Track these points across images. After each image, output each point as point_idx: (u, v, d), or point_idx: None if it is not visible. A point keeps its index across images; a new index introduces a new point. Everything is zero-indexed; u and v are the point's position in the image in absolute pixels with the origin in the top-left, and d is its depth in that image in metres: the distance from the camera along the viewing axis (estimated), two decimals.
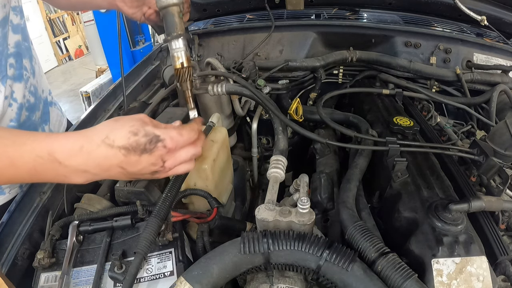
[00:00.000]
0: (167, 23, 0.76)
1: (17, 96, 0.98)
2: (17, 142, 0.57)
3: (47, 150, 0.57)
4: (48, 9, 8.22)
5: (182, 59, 0.77)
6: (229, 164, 1.17)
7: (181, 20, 0.76)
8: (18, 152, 0.56)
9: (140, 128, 0.61)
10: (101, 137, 0.59)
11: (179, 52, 0.77)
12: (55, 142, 0.58)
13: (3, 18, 0.87)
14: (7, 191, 1.05)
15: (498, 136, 0.96)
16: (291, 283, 0.71)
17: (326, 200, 1.00)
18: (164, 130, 0.64)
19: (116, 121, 0.63)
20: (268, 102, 1.10)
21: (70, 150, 0.59)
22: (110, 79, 4.64)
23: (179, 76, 0.78)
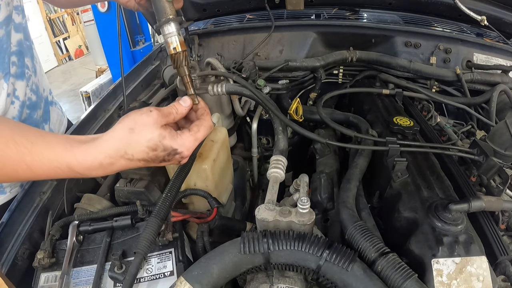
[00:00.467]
0: (156, 8, 0.72)
1: (19, 94, 0.99)
2: (34, 152, 0.58)
3: (66, 164, 0.59)
4: (48, 9, 8.22)
5: (174, 44, 0.73)
6: (229, 164, 1.17)
7: (170, 4, 0.73)
8: (36, 162, 0.58)
9: (158, 144, 0.63)
10: (120, 153, 0.61)
11: (171, 37, 0.73)
12: (73, 158, 0.59)
13: (7, 17, 0.88)
14: (8, 190, 1.05)
15: (498, 136, 0.96)
16: (291, 283, 0.71)
17: (326, 200, 1.00)
18: (181, 141, 0.66)
19: (132, 133, 0.62)
20: (268, 102, 1.10)
21: (89, 166, 0.60)
22: (110, 79, 4.64)
23: (174, 62, 0.75)
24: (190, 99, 0.72)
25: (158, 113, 0.65)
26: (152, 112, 0.64)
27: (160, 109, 0.66)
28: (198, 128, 0.70)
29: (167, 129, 0.65)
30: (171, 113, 0.68)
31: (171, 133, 0.65)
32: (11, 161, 0.57)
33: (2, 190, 1.04)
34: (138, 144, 0.62)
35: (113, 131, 0.63)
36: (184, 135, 0.67)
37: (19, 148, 0.57)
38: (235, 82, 1.18)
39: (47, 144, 0.59)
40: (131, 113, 0.65)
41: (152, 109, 0.65)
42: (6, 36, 0.89)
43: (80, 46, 8.94)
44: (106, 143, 0.61)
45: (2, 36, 0.88)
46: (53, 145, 0.59)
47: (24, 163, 0.57)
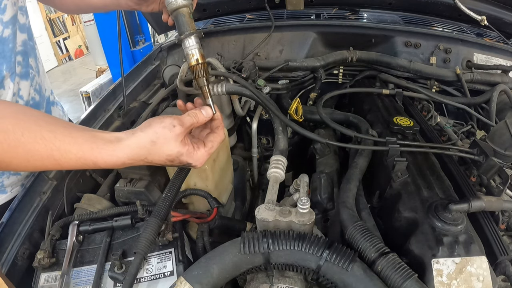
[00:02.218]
0: (179, 23, 0.79)
1: (23, 94, 1.00)
2: (62, 149, 0.61)
3: (92, 161, 0.63)
4: (48, 9, 8.22)
5: (196, 56, 0.79)
6: (229, 164, 1.17)
7: (191, 20, 0.79)
8: (64, 158, 0.61)
9: (175, 158, 0.69)
10: (141, 158, 0.67)
11: (193, 49, 0.78)
12: (99, 157, 0.63)
13: (13, 16, 0.89)
14: (9, 190, 1.06)
15: (498, 136, 0.96)
16: (291, 283, 0.71)
17: (326, 200, 1.00)
18: (196, 157, 0.71)
19: (153, 145, 0.66)
20: (268, 102, 1.10)
21: (113, 164, 0.65)
22: (110, 79, 4.64)
23: (195, 73, 0.79)
24: (211, 110, 0.77)
25: (181, 129, 0.68)
26: (175, 128, 0.68)
27: (183, 122, 0.69)
28: (212, 144, 0.75)
29: (185, 146, 0.69)
30: (193, 124, 0.73)
31: (189, 150, 0.70)
32: (40, 156, 0.60)
33: (3, 190, 1.05)
34: (158, 155, 0.67)
35: (136, 137, 0.66)
36: (200, 152, 0.72)
37: (47, 144, 0.60)
38: (235, 82, 1.18)
39: (74, 141, 0.62)
40: (154, 122, 0.68)
41: (176, 124, 0.68)
42: (12, 35, 0.90)
43: (80, 46, 8.94)
44: (129, 148, 0.65)
45: (9, 35, 0.89)
46: (79, 143, 0.62)
47: (52, 158, 0.61)
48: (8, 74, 0.91)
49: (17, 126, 0.58)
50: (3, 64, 0.89)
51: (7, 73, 0.90)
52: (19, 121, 0.59)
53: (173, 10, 0.78)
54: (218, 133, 0.78)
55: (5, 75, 0.90)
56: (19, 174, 1.04)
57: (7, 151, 0.57)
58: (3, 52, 0.88)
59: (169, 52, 1.70)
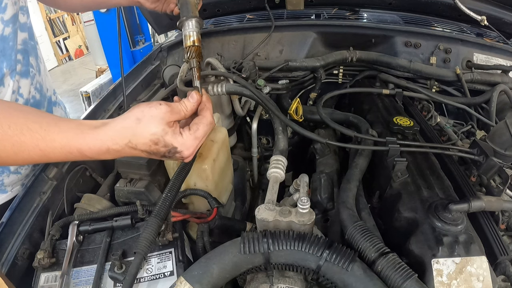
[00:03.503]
0: (183, 8, 0.80)
1: (23, 92, 1.00)
2: (47, 139, 0.61)
3: (76, 149, 0.62)
4: (48, 9, 8.22)
5: (193, 38, 0.79)
6: (229, 164, 1.17)
7: (196, 8, 0.81)
8: (49, 147, 0.61)
9: (160, 138, 0.65)
10: (125, 141, 0.63)
11: (191, 31, 0.79)
12: (83, 143, 0.62)
13: (14, 15, 0.90)
14: (9, 189, 1.06)
15: (498, 136, 0.96)
16: (291, 283, 0.71)
17: (326, 200, 1.00)
18: (182, 140, 0.67)
19: (138, 123, 0.64)
20: (268, 102, 1.10)
21: (98, 150, 0.63)
22: (110, 79, 4.64)
23: (189, 53, 0.80)
24: (197, 94, 0.73)
25: (167, 108, 0.66)
26: (161, 106, 0.65)
27: (170, 105, 0.67)
28: (197, 126, 0.70)
29: (172, 126, 0.66)
30: (181, 111, 0.69)
31: (174, 130, 0.66)
32: (25, 147, 0.60)
33: (4, 189, 1.05)
34: (142, 135, 0.64)
35: (122, 119, 0.65)
36: (185, 135, 0.68)
37: (33, 135, 0.60)
38: (235, 82, 1.18)
39: (58, 130, 0.62)
40: (141, 104, 0.66)
41: (162, 103, 0.66)
42: (13, 34, 0.91)
43: (80, 46, 8.94)
44: (113, 130, 0.63)
45: (9, 34, 0.89)
46: (64, 131, 0.62)
47: (38, 149, 0.61)
48: (8, 72, 0.91)
49: (4, 119, 0.59)
50: (3, 62, 0.90)
51: (7, 71, 0.91)
52: (6, 115, 0.60)
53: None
54: (203, 115, 0.73)
55: (5, 72, 0.91)
56: (19, 173, 1.04)
57: None
58: (3, 50, 0.89)
59: (169, 52, 1.70)
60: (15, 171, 1.03)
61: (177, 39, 1.70)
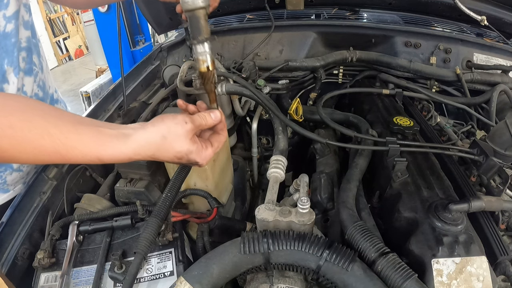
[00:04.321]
0: (193, 26, 0.74)
1: (27, 90, 1.00)
2: (68, 145, 0.61)
3: (96, 157, 0.63)
4: (48, 9, 8.23)
5: (207, 63, 0.76)
6: (229, 164, 1.17)
7: (206, 23, 0.75)
8: (70, 154, 0.62)
9: (184, 156, 0.68)
10: (148, 154, 0.66)
11: (205, 55, 0.75)
12: (104, 153, 0.63)
13: (16, 11, 0.90)
14: (11, 188, 1.06)
15: (498, 136, 0.96)
16: (291, 283, 0.71)
17: (326, 200, 1.00)
18: (204, 155, 0.72)
19: (164, 141, 0.65)
20: (268, 102, 1.10)
21: (117, 159, 0.64)
22: (110, 79, 4.64)
23: (204, 79, 0.78)
24: (221, 114, 0.77)
25: (192, 126, 0.68)
26: (187, 124, 0.68)
27: (194, 120, 0.69)
28: (218, 144, 0.76)
29: (195, 143, 0.69)
30: (201, 125, 0.72)
31: (198, 148, 0.70)
32: (46, 151, 0.61)
33: (6, 189, 1.05)
34: (167, 151, 0.66)
35: (147, 132, 0.65)
36: (208, 151, 0.72)
37: (54, 140, 0.60)
38: (235, 82, 1.18)
39: (79, 138, 0.62)
40: (166, 118, 0.68)
41: (188, 121, 0.68)
42: (15, 30, 0.90)
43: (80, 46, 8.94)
44: (137, 143, 0.64)
45: (11, 30, 0.89)
46: (85, 139, 0.62)
47: (59, 154, 0.61)
48: (10, 68, 0.91)
49: (25, 122, 0.59)
50: (5, 59, 0.89)
51: (9, 68, 0.91)
52: (26, 117, 0.59)
53: (189, 10, 0.73)
54: (222, 134, 0.78)
55: (7, 69, 0.90)
56: (21, 170, 1.04)
57: (15, 147, 0.58)
58: (5, 47, 0.89)
59: (169, 52, 1.70)
60: (17, 168, 1.03)
61: (177, 39, 1.70)
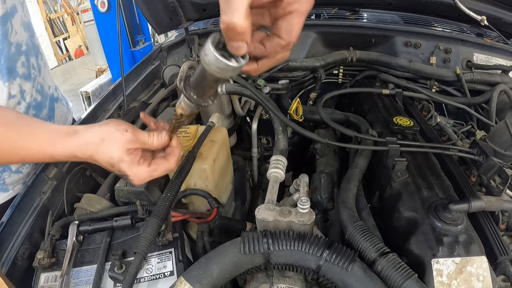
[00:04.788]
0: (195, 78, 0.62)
1: (26, 96, 0.99)
2: (24, 147, 0.68)
3: (49, 155, 0.69)
4: (48, 9, 8.23)
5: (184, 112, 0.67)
6: (229, 164, 1.17)
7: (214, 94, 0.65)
8: (27, 154, 0.69)
9: (115, 164, 0.69)
10: (89, 153, 0.69)
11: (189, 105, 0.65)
12: (55, 150, 0.69)
13: (3, 16, 0.87)
14: (11, 187, 1.05)
15: (498, 136, 0.96)
16: (291, 283, 0.71)
17: (326, 200, 1.00)
18: (136, 172, 0.70)
19: (101, 143, 0.68)
20: (268, 102, 1.10)
21: (68, 157, 0.70)
22: (110, 79, 4.64)
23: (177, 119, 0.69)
24: (166, 137, 0.72)
25: (131, 137, 0.68)
26: (127, 132, 0.68)
27: (136, 134, 0.69)
28: (156, 167, 0.72)
29: (131, 154, 0.69)
30: (146, 143, 0.71)
31: (132, 160, 0.69)
32: (6, 153, 0.69)
33: (5, 188, 1.04)
34: (102, 155, 0.68)
35: (91, 131, 0.69)
36: (141, 169, 0.70)
37: (12, 144, 0.67)
38: (235, 82, 1.18)
39: (34, 138, 0.69)
40: (111, 123, 0.70)
41: (129, 130, 0.69)
42: (1, 37, 0.88)
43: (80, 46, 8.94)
44: (82, 140, 0.68)
45: None
46: (39, 139, 0.69)
47: (18, 156, 0.70)
48: None
49: None
50: None
51: None
52: None
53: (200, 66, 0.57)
54: (168, 160, 0.73)
55: None
56: (21, 172, 1.04)
57: None
58: None
59: (169, 52, 1.70)
60: (16, 170, 1.03)
61: (177, 39, 1.70)
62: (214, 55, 0.50)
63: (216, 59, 0.50)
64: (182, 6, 1.47)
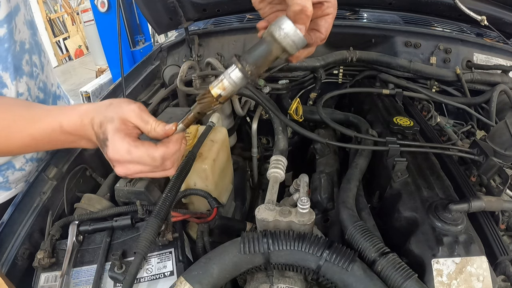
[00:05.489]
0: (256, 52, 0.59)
1: (32, 93, 1.00)
2: (35, 119, 0.69)
3: (58, 124, 0.68)
4: (48, 9, 8.23)
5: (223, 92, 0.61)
6: (229, 164, 1.17)
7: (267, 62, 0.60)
8: (36, 129, 0.69)
9: (104, 123, 0.65)
10: (91, 117, 0.66)
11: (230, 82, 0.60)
12: (63, 117, 0.68)
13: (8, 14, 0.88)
14: (13, 186, 1.05)
15: (498, 136, 0.96)
16: (291, 283, 0.71)
17: (326, 200, 1.00)
18: (116, 139, 0.63)
19: (108, 107, 0.67)
20: (268, 102, 1.10)
21: (75, 120, 0.68)
22: (110, 79, 4.64)
23: (202, 98, 0.63)
24: (173, 129, 0.66)
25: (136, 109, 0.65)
26: (134, 104, 0.66)
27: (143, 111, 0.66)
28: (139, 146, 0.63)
29: (124, 124, 0.64)
30: (148, 124, 0.65)
31: (119, 129, 0.63)
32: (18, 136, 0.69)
33: (8, 187, 1.04)
34: (100, 115, 0.65)
35: (103, 101, 0.70)
36: (125, 140, 0.63)
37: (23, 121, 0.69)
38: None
39: (45, 111, 0.70)
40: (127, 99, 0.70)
41: (138, 104, 0.67)
42: (8, 35, 0.88)
43: (80, 46, 8.94)
44: (88, 107, 0.68)
45: (4, 35, 0.87)
46: (49, 110, 0.71)
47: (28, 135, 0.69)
48: (6, 74, 0.90)
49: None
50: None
51: (5, 74, 0.89)
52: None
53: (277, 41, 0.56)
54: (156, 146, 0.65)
55: (3, 75, 0.89)
56: (24, 169, 1.04)
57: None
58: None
59: (169, 52, 1.70)
60: (19, 168, 1.03)
61: (177, 39, 1.70)
62: (293, 28, 0.55)
63: (294, 32, 0.55)
64: (182, 6, 1.47)
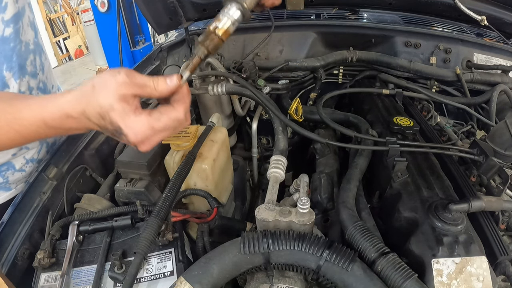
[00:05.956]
0: None
1: (33, 93, 1.00)
2: (18, 117, 0.60)
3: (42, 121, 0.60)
4: (48, 9, 8.23)
5: (223, 26, 0.63)
6: (229, 164, 1.17)
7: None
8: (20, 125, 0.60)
9: (105, 114, 0.56)
10: (79, 110, 0.57)
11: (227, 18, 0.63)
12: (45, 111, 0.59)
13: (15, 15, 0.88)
14: (14, 186, 1.06)
15: (498, 136, 0.96)
16: (291, 283, 0.71)
17: (326, 200, 1.00)
18: (131, 123, 0.56)
19: (93, 90, 0.57)
20: (268, 102, 1.10)
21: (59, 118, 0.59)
22: None
23: (205, 37, 0.64)
24: (178, 79, 0.60)
25: (124, 78, 0.56)
26: (119, 74, 0.56)
27: (133, 76, 0.57)
28: (160, 116, 0.58)
29: (123, 101, 0.56)
30: (147, 86, 0.58)
31: (125, 108, 0.56)
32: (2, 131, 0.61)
33: (8, 187, 1.05)
34: (92, 106, 0.56)
35: (84, 84, 0.59)
36: (139, 119, 0.56)
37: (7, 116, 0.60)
38: (235, 82, 1.18)
39: (26, 105, 0.60)
40: (111, 69, 0.58)
41: (122, 72, 0.56)
42: (14, 35, 0.89)
43: (80, 46, 8.93)
44: (72, 95, 0.58)
45: (10, 35, 0.87)
46: (31, 108, 0.60)
47: (13, 131, 0.61)
48: (10, 74, 0.90)
49: None
50: (3, 64, 0.88)
51: (8, 73, 0.90)
52: None
53: None
54: (174, 107, 0.60)
55: (6, 75, 0.89)
56: (24, 170, 1.04)
57: None
58: (3, 52, 0.87)
59: (169, 52, 1.70)
60: (19, 169, 1.03)
61: (177, 39, 1.70)
62: None
63: None
64: (182, 6, 1.47)
